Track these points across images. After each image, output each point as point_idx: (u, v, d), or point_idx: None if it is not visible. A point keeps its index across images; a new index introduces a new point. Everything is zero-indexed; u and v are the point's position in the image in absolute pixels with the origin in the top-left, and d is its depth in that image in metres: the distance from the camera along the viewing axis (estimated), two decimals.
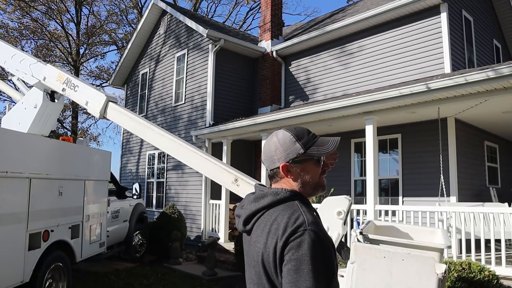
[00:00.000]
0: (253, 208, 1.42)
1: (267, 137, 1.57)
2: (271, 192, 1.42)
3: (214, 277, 7.87)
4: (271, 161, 1.47)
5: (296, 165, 1.43)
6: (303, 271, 1.21)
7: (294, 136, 1.44)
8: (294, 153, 1.42)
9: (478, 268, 4.98)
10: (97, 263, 8.31)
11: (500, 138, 10.28)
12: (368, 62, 9.81)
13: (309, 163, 1.45)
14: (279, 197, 1.39)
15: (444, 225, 6.63)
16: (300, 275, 1.21)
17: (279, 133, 1.49)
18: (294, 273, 1.22)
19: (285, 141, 1.44)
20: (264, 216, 1.39)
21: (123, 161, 15.20)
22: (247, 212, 1.44)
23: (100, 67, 27.61)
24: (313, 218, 1.32)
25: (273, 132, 1.52)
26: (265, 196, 1.42)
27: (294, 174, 1.44)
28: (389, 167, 9.14)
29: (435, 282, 3.27)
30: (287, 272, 1.24)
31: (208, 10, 31.18)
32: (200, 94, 11.72)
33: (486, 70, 5.84)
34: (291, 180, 1.44)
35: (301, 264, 1.22)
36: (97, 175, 7.10)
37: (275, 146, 1.45)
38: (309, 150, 1.43)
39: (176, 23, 13.20)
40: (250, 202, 1.46)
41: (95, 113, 5.49)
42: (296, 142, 1.43)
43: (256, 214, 1.41)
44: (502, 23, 12.19)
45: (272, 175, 1.48)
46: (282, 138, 1.45)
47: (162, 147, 4.94)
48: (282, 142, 1.45)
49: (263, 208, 1.40)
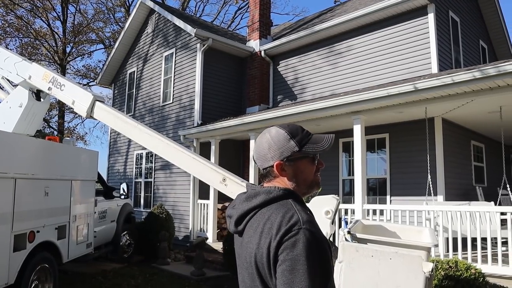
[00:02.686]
0: (245, 207, 1.37)
1: (257, 136, 1.55)
2: (263, 190, 1.37)
3: (203, 277, 7.84)
4: (264, 159, 1.42)
5: (290, 164, 1.38)
6: (298, 272, 1.17)
7: (288, 134, 1.39)
8: (288, 151, 1.38)
9: (465, 266, 5.03)
10: (84, 264, 8.22)
11: (486, 137, 10.41)
12: (356, 62, 9.86)
13: (304, 161, 1.40)
14: (272, 196, 1.34)
15: (431, 224, 6.69)
16: (295, 276, 1.17)
17: (272, 130, 1.43)
18: (289, 274, 1.18)
19: (279, 138, 1.39)
20: (257, 215, 1.34)
21: (110, 161, 15.06)
22: (239, 212, 1.39)
23: (87, 66, 27.45)
24: (308, 217, 1.28)
25: (265, 129, 1.47)
26: (257, 195, 1.37)
27: (288, 173, 1.39)
28: (377, 167, 9.20)
29: (422, 280, 3.30)
30: (281, 273, 1.19)
31: (196, 9, 31.16)
32: (188, 94, 11.67)
33: (473, 70, 5.91)
34: (285, 179, 1.39)
35: (296, 264, 1.18)
36: (84, 175, 7.03)
37: (269, 144, 1.40)
38: (304, 148, 1.39)
39: (164, 22, 13.12)
40: (242, 201, 1.41)
41: (81, 113, 5.43)
42: (291, 140, 1.38)
43: (248, 213, 1.36)
44: (488, 24, 12.36)
45: (265, 174, 1.43)
46: (276, 135, 1.41)
47: (150, 146, 4.90)
48: (275, 140, 1.40)
49: (256, 207, 1.35)
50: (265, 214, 1.32)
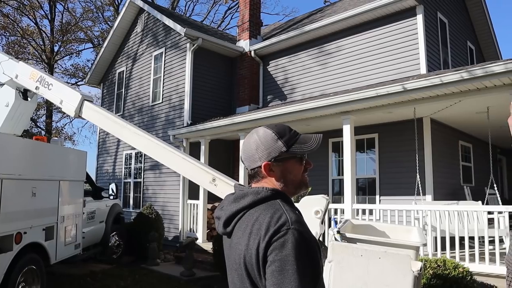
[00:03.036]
0: (233, 208, 1.37)
1: (246, 136, 1.54)
2: (251, 191, 1.36)
3: (192, 278, 7.81)
4: (252, 160, 1.41)
5: (278, 164, 1.38)
6: (287, 272, 1.16)
7: (275, 134, 1.39)
8: (276, 151, 1.37)
9: (453, 265, 5.08)
10: (73, 265, 8.13)
11: (474, 137, 10.53)
12: (346, 63, 9.90)
13: (292, 161, 1.40)
14: (260, 196, 1.34)
15: (420, 223, 6.75)
16: (284, 276, 1.16)
17: (259, 130, 1.43)
18: (278, 274, 1.17)
19: (266, 139, 1.39)
20: (245, 216, 1.34)
21: (99, 161, 14.94)
22: (227, 213, 1.38)
23: (75, 65, 27.12)
24: (296, 217, 1.28)
25: (253, 130, 1.47)
26: (245, 196, 1.36)
27: (276, 173, 1.38)
28: (366, 167, 9.25)
29: (411, 279, 3.32)
30: (271, 274, 1.19)
31: (186, 9, 31.03)
32: (177, 93, 11.62)
33: (461, 71, 5.97)
34: (273, 179, 1.39)
35: (285, 265, 1.17)
36: (72, 175, 6.96)
37: (256, 144, 1.40)
38: (291, 148, 1.38)
39: (153, 21, 13.04)
40: (230, 202, 1.40)
41: (70, 112, 5.38)
42: (278, 140, 1.38)
43: (237, 215, 1.36)
44: (476, 26, 12.50)
45: (253, 174, 1.42)
46: (263, 135, 1.40)
47: (139, 146, 4.87)
48: (263, 140, 1.39)
49: (244, 208, 1.35)
50: (253, 215, 1.31)
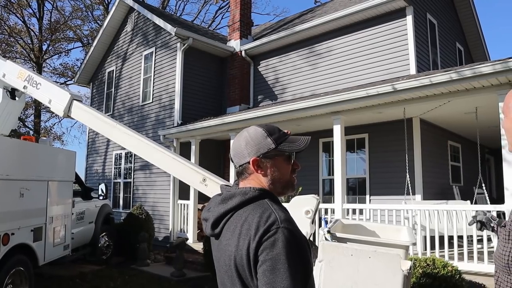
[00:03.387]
0: (221, 210, 1.36)
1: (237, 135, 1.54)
2: (239, 192, 1.37)
3: (183, 278, 7.78)
4: (240, 156, 1.42)
5: (266, 160, 1.39)
6: (279, 271, 1.17)
7: (265, 131, 1.41)
8: (265, 148, 1.39)
9: (442, 264, 5.12)
10: (62, 266, 8.04)
11: (462, 137, 10.63)
12: (337, 63, 9.94)
13: (280, 159, 1.41)
14: (248, 197, 1.34)
15: (409, 222, 6.80)
16: (276, 275, 1.17)
17: (250, 129, 1.46)
18: (270, 274, 1.17)
19: (256, 135, 1.41)
20: (233, 217, 1.33)
21: (88, 161, 14.82)
22: (215, 214, 1.38)
23: (64, 65, 26.78)
24: (285, 216, 1.28)
25: (244, 129, 1.49)
26: (233, 197, 1.36)
27: (264, 170, 1.39)
28: (356, 167, 9.29)
29: (401, 278, 3.34)
30: (262, 273, 1.19)
31: (177, 8, 30.90)
32: (168, 93, 11.57)
33: (450, 72, 6.02)
34: (260, 176, 1.40)
35: (276, 264, 1.17)
36: (61, 175, 6.89)
37: (246, 141, 1.42)
38: (280, 146, 1.40)
39: (143, 20, 12.97)
40: (217, 204, 1.40)
41: (58, 112, 5.32)
42: (268, 137, 1.40)
43: (225, 216, 1.36)
44: (464, 27, 12.63)
45: (241, 171, 1.43)
46: (254, 133, 1.42)
47: (129, 146, 4.84)
48: (253, 137, 1.41)
49: (232, 209, 1.34)
50: (241, 216, 1.32)
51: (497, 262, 1.30)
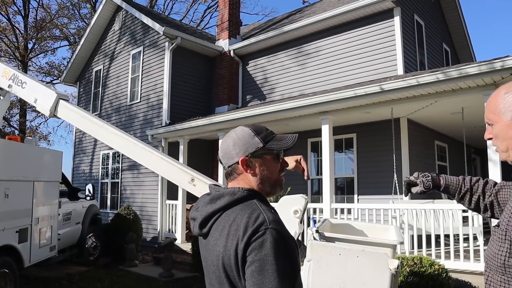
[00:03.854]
0: (209, 210, 1.36)
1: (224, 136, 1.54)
2: (227, 192, 1.37)
3: (171, 279, 7.74)
4: (229, 156, 1.42)
5: (255, 160, 1.40)
6: (267, 272, 1.17)
7: (252, 131, 1.42)
8: (253, 147, 1.39)
9: (429, 263, 5.17)
10: (48, 267, 7.95)
11: (449, 137, 10.75)
12: (325, 63, 9.98)
13: (269, 158, 1.42)
14: (237, 197, 1.34)
15: (397, 222, 6.85)
16: (264, 276, 1.17)
17: (237, 129, 1.46)
18: (258, 275, 1.17)
19: (243, 135, 1.42)
20: (222, 217, 1.33)
21: (75, 161, 14.66)
22: (203, 214, 1.38)
23: (50, 63, 26.47)
24: (274, 216, 1.28)
25: (231, 130, 1.49)
26: (221, 197, 1.36)
27: (253, 169, 1.40)
28: (344, 166, 9.34)
29: (388, 277, 3.36)
30: (250, 274, 1.19)
31: (165, 7, 30.66)
32: (156, 93, 11.50)
33: (437, 72, 6.08)
34: (249, 176, 1.40)
35: (265, 265, 1.18)
36: (47, 176, 6.80)
37: (234, 141, 1.42)
38: (268, 145, 1.41)
39: (131, 19, 12.87)
40: (206, 203, 1.40)
41: (44, 111, 5.25)
42: (255, 136, 1.40)
43: (213, 216, 1.35)
44: (451, 28, 12.78)
45: (230, 172, 1.44)
46: (241, 133, 1.43)
47: (117, 146, 4.79)
48: (240, 137, 1.42)
49: (220, 209, 1.34)
50: (230, 216, 1.31)
51: (490, 262, 1.30)
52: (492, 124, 1.41)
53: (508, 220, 1.24)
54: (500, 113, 1.37)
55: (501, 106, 1.37)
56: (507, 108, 1.35)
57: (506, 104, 1.35)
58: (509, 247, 1.21)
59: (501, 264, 1.24)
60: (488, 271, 1.33)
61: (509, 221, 1.22)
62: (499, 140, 1.39)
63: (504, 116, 1.36)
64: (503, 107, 1.36)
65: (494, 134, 1.41)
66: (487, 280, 1.34)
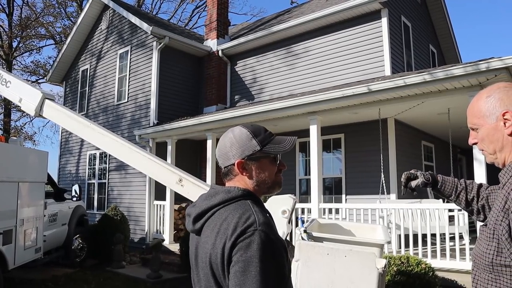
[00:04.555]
0: (204, 206, 1.37)
1: (215, 136, 1.53)
2: (223, 190, 1.37)
3: (159, 280, 7.69)
4: (226, 157, 1.42)
5: (251, 162, 1.39)
6: (250, 273, 1.16)
7: (250, 133, 1.40)
8: (250, 149, 1.38)
9: (416, 262, 5.22)
10: (33, 270, 7.84)
11: (435, 138, 10.87)
12: (313, 63, 10.01)
13: (265, 160, 1.41)
14: (231, 195, 1.34)
15: (384, 221, 6.90)
16: (247, 278, 1.16)
17: (235, 129, 1.44)
18: (240, 275, 1.17)
19: (241, 137, 1.40)
20: (215, 215, 1.33)
21: (61, 161, 14.48)
22: (198, 210, 1.38)
23: (35, 62, 26.14)
24: (265, 219, 1.28)
25: (229, 129, 1.48)
26: (216, 194, 1.37)
27: (249, 172, 1.39)
28: (332, 166, 9.38)
29: (376, 276, 3.38)
30: (233, 274, 1.18)
31: (153, 7, 30.47)
32: (144, 93, 11.42)
33: (423, 73, 6.14)
34: (246, 178, 1.40)
35: (248, 266, 1.17)
36: (33, 176, 6.71)
37: (231, 142, 1.41)
38: (265, 148, 1.40)
39: (119, 18, 12.77)
40: (202, 200, 1.41)
41: (29, 111, 5.17)
42: (253, 139, 1.39)
43: (207, 212, 1.35)
44: (437, 30, 12.92)
45: (226, 172, 1.43)
46: (239, 134, 1.41)
47: (104, 147, 4.74)
48: (238, 138, 1.40)
49: (214, 206, 1.35)
50: (223, 214, 1.31)
51: (478, 260, 1.31)
52: (476, 128, 1.43)
53: (495, 219, 1.25)
54: (484, 116, 1.39)
55: (485, 109, 1.39)
56: (491, 111, 1.37)
57: (490, 107, 1.38)
58: (497, 246, 1.23)
59: (489, 262, 1.25)
60: (475, 270, 1.35)
61: (497, 220, 1.24)
62: (485, 143, 1.41)
63: (488, 119, 1.38)
64: (487, 110, 1.39)
65: (479, 138, 1.43)
66: (474, 279, 1.36)
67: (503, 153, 1.37)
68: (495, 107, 1.36)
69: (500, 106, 1.35)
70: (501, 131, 1.35)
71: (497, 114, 1.36)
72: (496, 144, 1.37)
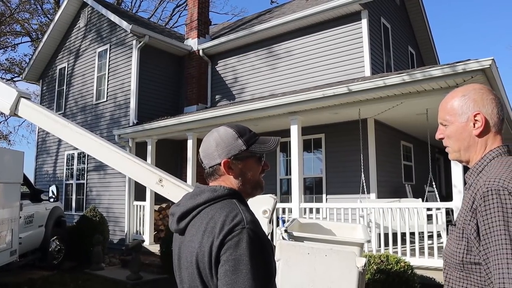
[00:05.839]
0: (189, 205, 1.35)
1: (195, 136, 1.50)
2: (208, 188, 1.36)
3: (139, 281, 7.61)
4: (211, 157, 1.40)
5: (237, 162, 1.39)
6: (241, 272, 1.16)
7: (236, 132, 1.40)
8: (236, 149, 1.38)
9: (395, 260, 5.29)
10: (8, 273, 7.64)
11: (414, 138, 11.04)
12: (295, 64, 10.04)
13: (251, 160, 1.41)
14: (217, 194, 1.33)
15: (364, 220, 6.97)
16: (238, 276, 1.16)
17: (220, 129, 1.44)
18: (231, 274, 1.16)
19: (227, 137, 1.40)
20: (200, 214, 1.32)
21: (38, 162, 14.18)
22: (182, 209, 1.36)
23: (10, 60, 25.47)
24: (252, 217, 1.28)
25: (214, 129, 1.47)
26: (202, 193, 1.36)
27: (235, 171, 1.39)
28: (313, 166, 9.43)
29: (356, 275, 3.41)
30: (224, 273, 1.17)
31: (132, 5, 30.08)
32: (123, 92, 11.27)
33: (402, 74, 6.23)
34: (231, 178, 1.39)
35: (239, 265, 1.16)
36: (7, 177, 6.54)
37: (216, 142, 1.40)
38: (251, 147, 1.40)
39: (98, 16, 12.57)
40: (187, 199, 1.39)
41: (4, 110, 5.03)
42: (239, 139, 1.39)
43: (192, 211, 1.34)
44: (416, 32, 13.14)
45: (211, 172, 1.42)
46: (224, 134, 1.41)
47: (82, 147, 4.65)
48: (224, 138, 1.40)
49: (199, 205, 1.33)
50: (208, 213, 1.30)
51: (449, 260, 1.34)
52: (446, 125, 1.45)
53: (464, 219, 1.28)
54: (456, 114, 1.42)
55: (458, 108, 1.41)
56: (464, 110, 1.40)
57: (463, 106, 1.40)
58: (467, 245, 1.26)
59: (459, 261, 1.28)
60: (447, 269, 1.38)
61: (465, 220, 1.27)
62: (452, 140, 1.44)
63: (460, 118, 1.41)
64: (460, 109, 1.41)
65: (447, 134, 1.45)
66: (446, 277, 1.38)
67: (468, 153, 1.41)
68: (468, 107, 1.39)
69: (473, 107, 1.38)
70: (469, 131, 1.39)
71: (468, 114, 1.38)
72: (462, 143, 1.41)
